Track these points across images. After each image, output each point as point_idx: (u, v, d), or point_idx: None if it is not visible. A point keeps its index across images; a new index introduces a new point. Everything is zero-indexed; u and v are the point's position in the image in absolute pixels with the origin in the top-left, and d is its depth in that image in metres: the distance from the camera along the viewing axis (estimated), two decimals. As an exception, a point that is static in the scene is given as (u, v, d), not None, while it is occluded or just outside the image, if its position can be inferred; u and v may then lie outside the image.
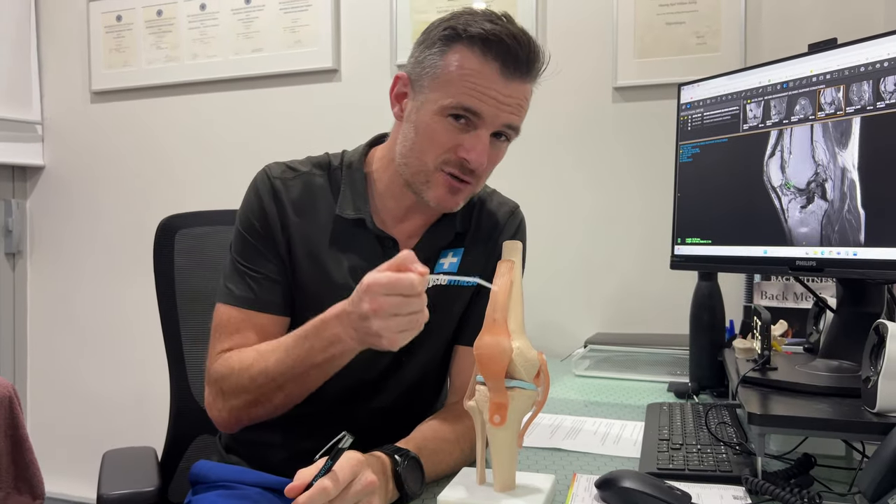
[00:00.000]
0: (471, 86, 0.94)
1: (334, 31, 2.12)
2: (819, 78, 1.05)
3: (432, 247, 1.07)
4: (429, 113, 0.97)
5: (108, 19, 2.40)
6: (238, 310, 1.03)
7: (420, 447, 0.88)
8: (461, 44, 0.95)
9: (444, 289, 1.07)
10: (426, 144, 0.98)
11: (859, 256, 0.98)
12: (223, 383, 0.99)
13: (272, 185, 1.05)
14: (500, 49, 0.94)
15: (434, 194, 1.00)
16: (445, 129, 0.96)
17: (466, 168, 0.98)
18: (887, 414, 0.79)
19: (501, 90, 0.95)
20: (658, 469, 0.88)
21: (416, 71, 1.00)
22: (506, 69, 0.94)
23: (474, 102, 0.94)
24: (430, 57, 0.98)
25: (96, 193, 2.46)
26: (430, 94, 0.97)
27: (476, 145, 0.96)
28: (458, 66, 0.95)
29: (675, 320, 1.61)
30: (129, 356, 2.40)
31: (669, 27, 1.80)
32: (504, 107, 0.96)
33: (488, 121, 0.96)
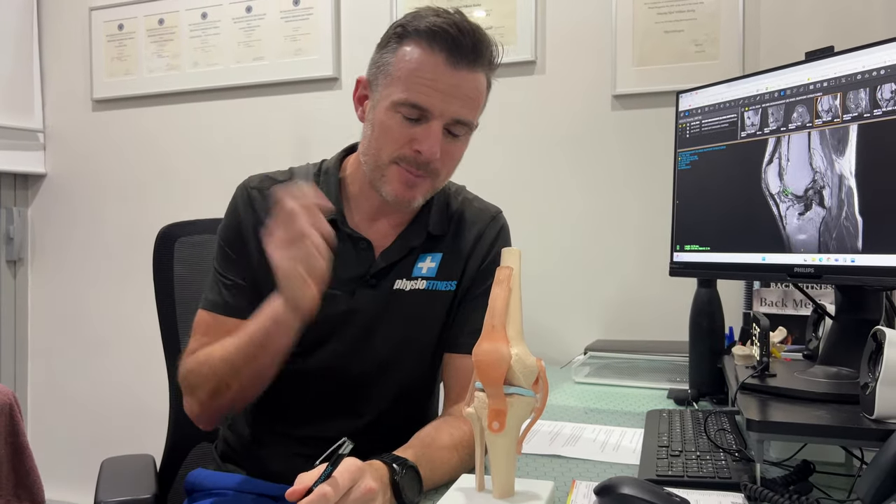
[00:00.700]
0: (418, 80, 0.97)
1: (335, 40, 2.13)
2: (816, 86, 1.05)
3: (405, 247, 1.09)
4: (382, 109, 1.00)
5: (110, 28, 2.42)
6: (210, 314, 1.08)
7: (418, 455, 0.88)
8: (409, 39, 0.99)
9: (422, 294, 1.08)
10: (381, 140, 1.01)
11: (857, 263, 0.98)
12: (190, 377, 1.03)
13: (248, 195, 1.09)
14: (444, 39, 0.96)
15: (390, 188, 1.02)
16: (398, 124, 0.99)
17: (421, 161, 1.00)
18: (885, 420, 0.79)
19: (448, 80, 0.97)
20: (657, 475, 0.88)
21: (373, 72, 1.04)
22: (451, 58, 0.97)
23: (422, 98, 0.97)
24: (384, 56, 1.02)
25: (97, 201, 2.47)
26: (384, 90, 1.00)
27: (427, 137, 0.98)
28: (406, 62, 0.98)
29: (674, 327, 1.61)
30: (129, 364, 2.40)
31: (668, 35, 1.81)
32: (452, 99, 0.98)
33: (436, 113, 0.98)
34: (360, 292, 1.06)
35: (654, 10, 1.82)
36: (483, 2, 1.97)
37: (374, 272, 1.07)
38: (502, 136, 1.94)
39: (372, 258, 1.07)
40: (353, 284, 1.06)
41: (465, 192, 1.19)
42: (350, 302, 1.06)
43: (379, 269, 1.07)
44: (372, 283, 1.07)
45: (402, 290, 1.08)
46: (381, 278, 1.07)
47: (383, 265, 1.07)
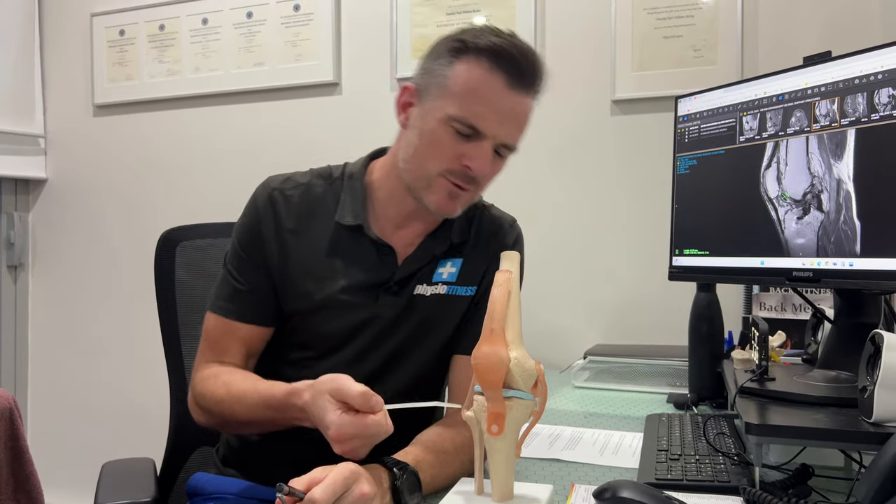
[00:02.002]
0: (476, 99, 0.96)
1: (335, 46, 2.14)
2: (814, 90, 1.06)
3: (428, 255, 1.09)
4: (434, 120, 0.99)
5: (111, 34, 2.43)
6: (221, 319, 1.07)
7: (419, 459, 0.88)
8: (469, 55, 0.97)
9: (442, 299, 1.08)
10: (429, 151, 1.00)
11: (855, 267, 0.98)
12: (200, 400, 1.05)
13: (270, 195, 1.08)
14: (506, 61, 0.96)
15: (434, 198, 1.02)
16: (449, 138, 0.98)
17: (468, 176, 1.00)
18: (884, 423, 0.80)
19: (505, 102, 0.97)
20: (656, 479, 0.88)
21: (424, 80, 1.02)
22: (511, 80, 0.97)
23: (478, 119, 0.97)
24: (438, 67, 1.00)
25: (98, 206, 2.48)
26: (436, 101, 0.99)
27: (479, 154, 0.98)
28: (465, 78, 0.97)
29: (673, 331, 1.61)
30: (129, 368, 2.40)
31: (667, 41, 1.81)
32: (507, 122, 0.99)
33: (489, 134, 0.98)
34: (383, 298, 1.06)
35: (653, 15, 1.83)
36: (483, 7, 1.98)
37: (398, 280, 1.06)
38: (502, 141, 1.94)
39: (395, 265, 1.07)
40: (376, 291, 1.06)
41: (481, 199, 1.20)
42: (373, 308, 1.06)
43: (401, 277, 1.07)
44: (394, 290, 1.07)
45: (422, 295, 1.08)
46: (404, 285, 1.07)
47: (406, 273, 1.07)
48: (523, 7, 1.93)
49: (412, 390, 1.10)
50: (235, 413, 0.99)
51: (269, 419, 0.96)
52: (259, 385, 0.98)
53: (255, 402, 0.96)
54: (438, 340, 1.09)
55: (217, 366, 1.06)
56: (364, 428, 0.80)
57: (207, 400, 1.03)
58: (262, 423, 0.98)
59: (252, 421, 0.98)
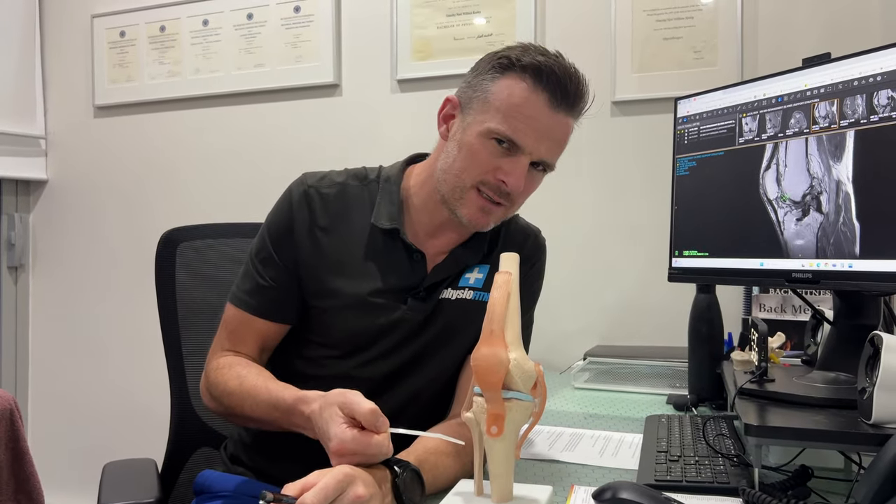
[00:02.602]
0: (518, 115, 0.97)
1: (335, 47, 2.14)
2: (813, 92, 1.06)
3: (459, 265, 1.10)
4: (473, 133, 1.00)
5: (112, 35, 2.43)
6: (241, 312, 1.08)
7: (421, 459, 0.88)
8: (514, 72, 0.99)
9: (467, 304, 1.09)
10: (467, 162, 1.01)
11: (855, 268, 0.98)
12: (212, 389, 1.06)
13: (306, 192, 1.08)
14: (550, 80, 0.97)
15: (466, 212, 1.03)
16: (487, 151, 0.99)
17: (503, 191, 1.01)
18: (883, 425, 0.80)
19: (546, 121, 0.99)
20: (656, 480, 0.88)
21: (468, 94, 1.04)
22: (554, 100, 0.98)
23: (518, 135, 0.98)
24: (482, 82, 1.02)
25: (99, 207, 2.48)
26: (478, 115, 1.00)
27: (515, 170, 0.99)
28: (508, 94, 0.98)
29: (673, 333, 1.61)
30: (130, 369, 2.40)
31: (667, 42, 1.82)
32: (545, 140, 1.00)
33: (528, 149, 0.99)
34: (411, 303, 1.07)
35: (652, 17, 1.83)
36: (483, 9, 1.98)
37: (427, 286, 1.07)
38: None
39: (424, 271, 1.08)
40: (405, 295, 1.07)
41: None
42: (401, 312, 1.07)
43: (430, 284, 1.08)
44: (422, 296, 1.07)
45: (447, 298, 1.09)
46: (431, 291, 1.08)
47: (435, 280, 1.08)
48: (523, 9, 1.93)
49: (427, 393, 1.10)
50: (244, 408, 1.00)
51: (273, 420, 0.97)
52: (271, 385, 0.98)
53: (264, 400, 0.97)
54: (462, 345, 1.09)
55: (232, 355, 1.07)
56: (366, 446, 0.80)
57: (219, 390, 1.04)
58: (266, 422, 0.99)
59: (257, 419, 0.99)
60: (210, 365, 1.08)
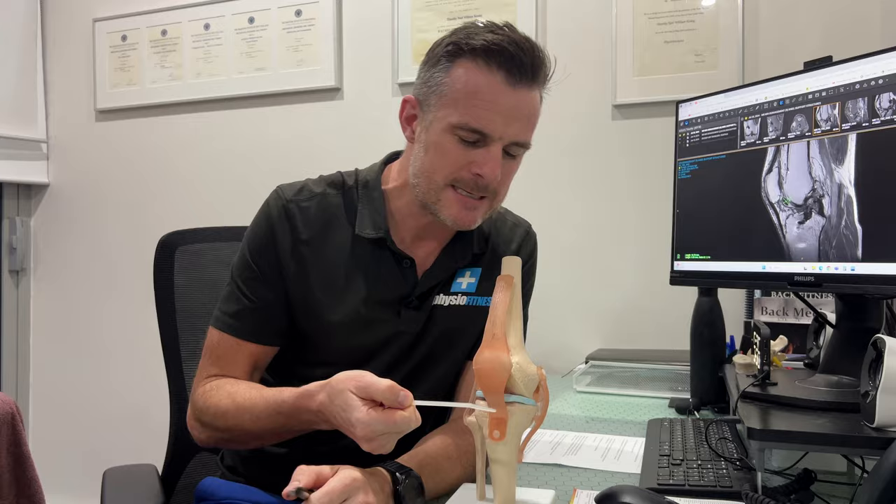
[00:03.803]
0: (477, 102, 0.93)
1: (337, 51, 2.14)
2: (815, 95, 1.06)
3: (449, 267, 1.07)
4: (437, 131, 0.96)
5: (114, 39, 2.43)
6: (227, 336, 1.03)
7: (422, 464, 0.88)
8: (464, 58, 0.94)
9: (462, 310, 1.07)
10: (436, 162, 0.97)
11: (857, 272, 0.98)
12: (202, 415, 1.01)
13: (285, 206, 1.03)
14: (503, 58, 0.92)
15: (449, 212, 0.98)
16: (455, 146, 0.95)
17: (480, 185, 0.96)
18: (886, 428, 0.79)
19: (507, 101, 0.93)
20: (658, 484, 0.88)
21: (423, 91, 0.99)
22: (511, 77, 0.93)
23: (482, 123, 0.93)
24: (435, 75, 0.97)
25: (100, 211, 2.48)
26: (438, 111, 0.96)
27: (488, 160, 0.95)
28: (463, 82, 0.93)
29: (675, 336, 1.61)
30: (131, 373, 2.40)
31: (668, 45, 1.82)
32: (512, 121, 0.94)
33: (496, 137, 0.94)
34: (405, 314, 1.04)
35: (654, 20, 1.83)
36: (484, 12, 1.98)
37: (419, 294, 1.04)
38: (503, 146, 1.94)
39: (415, 278, 1.04)
40: (398, 306, 1.04)
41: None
42: (396, 324, 1.04)
43: (423, 291, 1.05)
44: (415, 304, 1.04)
45: (440, 305, 1.06)
46: (424, 299, 1.05)
47: (427, 287, 1.05)
48: (524, 12, 1.94)
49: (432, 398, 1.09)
50: (243, 424, 0.95)
51: (280, 426, 0.93)
52: (265, 392, 0.95)
53: (264, 409, 0.93)
54: (461, 351, 1.08)
55: (219, 378, 1.02)
56: (394, 424, 0.76)
57: (210, 413, 0.99)
58: (272, 431, 0.95)
59: (262, 430, 0.95)
60: (196, 393, 1.03)
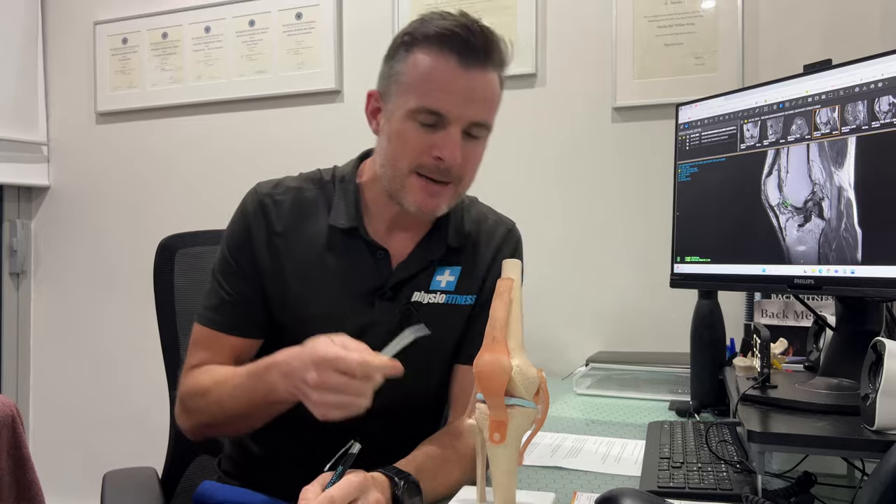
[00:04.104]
0: (432, 85, 0.95)
1: (337, 53, 2.15)
2: (814, 98, 1.06)
3: (423, 259, 1.07)
4: (398, 119, 0.98)
5: (114, 42, 2.44)
6: (210, 332, 1.05)
7: (420, 468, 0.88)
8: (419, 46, 0.97)
9: (441, 308, 1.07)
10: (398, 149, 0.99)
11: (857, 274, 0.98)
12: (187, 401, 1.03)
13: (260, 201, 1.07)
14: (454, 41, 0.95)
15: (412, 199, 1.00)
16: (415, 132, 0.97)
17: (441, 169, 0.98)
18: (886, 431, 0.79)
19: (462, 83, 0.95)
20: (658, 487, 0.88)
21: (384, 83, 1.02)
22: (462, 59, 0.95)
23: (438, 104, 0.95)
24: (394, 66, 1.00)
25: (101, 214, 2.48)
26: (397, 100, 0.99)
27: (447, 143, 0.96)
28: (418, 68, 0.96)
29: (675, 339, 1.61)
30: (131, 375, 2.40)
31: (668, 48, 1.82)
32: (469, 102, 0.96)
33: (454, 118, 0.96)
34: (379, 304, 1.05)
35: (654, 23, 1.83)
36: (484, 15, 1.96)
37: (392, 284, 1.05)
38: (503, 149, 1.94)
39: (389, 269, 1.06)
40: (371, 296, 1.05)
41: (479, 203, 1.19)
42: (370, 315, 1.04)
43: (396, 282, 1.05)
44: (389, 295, 1.05)
45: (419, 302, 1.06)
46: (399, 290, 1.06)
47: (401, 278, 1.06)
48: (524, 14, 1.94)
49: (417, 402, 1.10)
50: (222, 400, 0.96)
51: (251, 392, 0.92)
52: (245, 366, 0.96)
53: (241, 378, 0.94)
54: (439, 350, 1.08)
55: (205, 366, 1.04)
56: (342, 359, 0.79)
57: (194, 396, 1.01)
58: (246, 405, 0.94)
59: (236, 405, 0.95)
60: (181, 382, 1.05)
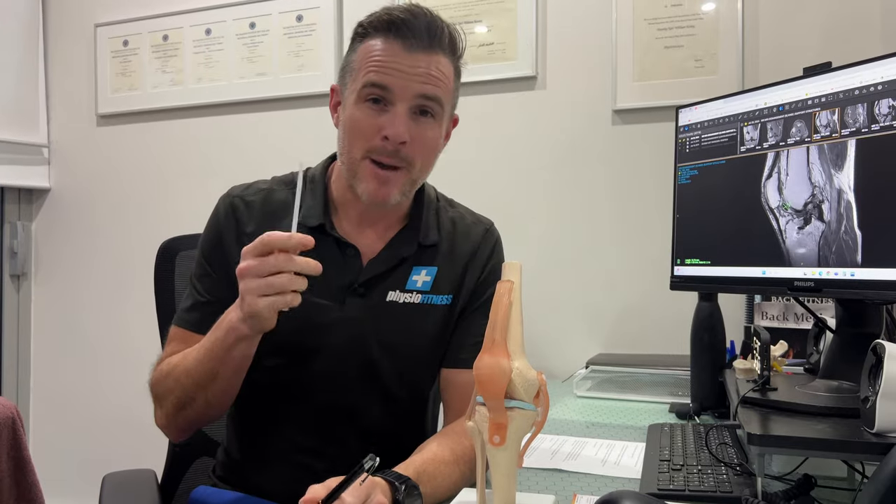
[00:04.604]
0: (377, 62, 0.97)
1: (337, 56, 2.15)
2: (814, 101, 1.06)
3: (395, 256, 1.07)
4: (349, 106, 1.01)
5: (115, 44, 2.44)
6: (184, 332, 1.06)
7: (420, 472, 0.88)
8: (367, 36, 1.00)
9: (416, 307, 1.07)
10: (351, 136, 1.00)
11: (857, 277, 0.99)
12: (156, 388, 1.04)
13: (231, 202, 1.09)
14: (399, 28, 0.98)
15: (364, 186, 1.01)
16: (365, 115, 0.99)
17: (391, 150, 0.98)
18: (886, 434, 0.79)
19: (406, 61, 0.97)
20: (658, 490, 0.88)
21: (341, 75, 1.05)
22: (406, 43, 0.97)
23: (380, 77, 0.97)
24: (347, 58, 1.04)
25: (101, 216, 2.48)
26: (350, 86, 1.01)
27: (393, 120, 0.97)
28: (364, 54, 1.00)
29: (675, 341, 1.61)
30: (131, 377, 2.39)
31: (668, 50, 1.82)
32: (413, 77, 0.97)
33: (398, 93, 0.98)
34: (350, 301, 1.05)
35: (654, 25, 1.83)
36: (484, 18, 1.99)
37: (363, 281, 1.05)
38: (503, 151, 1.95)
39: (360, 265, 1.06)
40: (342, 293, 1.05)
41: (456, 203, 1.19)
42: (340, 311, 1.04)
43: (368, 279, 1.05)
44: (360, 291, 1.05)
45: (395, 302, 1.06)
46: (371, 288, 1.06)
47: (371, 274, 1.06)
48: (524, 17, 1.94)
49: (396, 402, 1.09)
50: (189, 370, 0.97)
51: (213, 347, 0.93)
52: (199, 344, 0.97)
53: (204, 344, 0.95)
54: (417, 349, 1.08)
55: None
56: (257, 241, 0.84)
57: (162, 380, 1.02)
58: (210, 363, 0.94)
59: (203, 369, 0.95)
60: (150, 378, 1.07)
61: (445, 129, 1.07)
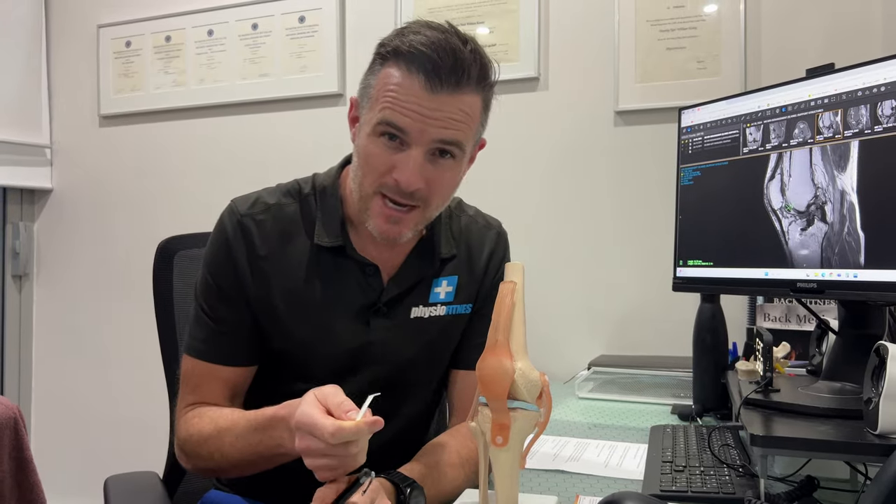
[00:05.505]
0: (396, 101, 0.90)
1: (340, 57, 2.15)
2: (817, 102, 1.06)
3: (416, 273, 1.04)
4: (364, 135, 0.94)
5: (118, 45, 2.44)
6: (201, 363, 1.00)
7: (424, 474, 0.88)
8: (391, 61, 0.92)
9: (442, 320, 1.06)
10: (365, 168, 0.94)
11: (860, 278, 0.98)
12: (185, 446, 0.99)
13: (240, 222, 1.01)
14: (421, 62, 0.89)
15: (374, 223, 0.95)
16: (379, 151, 0.92)
17: (403, 191, 0.92)
18: (889, 435, 0.79)
19: (426, 104, 0.89)
20: (661, 491, 0.87)
21: (361, 93, 0.97)
22: (429, 82, 0.89)
23: (396, 117, 0.89)
24: (368, 78, 0.96)
25: (103, 216, 2.49)
26: (367, 115, 0.94)
27: (406, 165, 0.90)
28: (385, 82, 0.91)
29: (678, 342, 1.61)
30: (133, 378, 2.40)
31: (670, 52, 1.82)
32: (431, 121, 0.90)
33: (415, 137, 0.90)
34: (375, 322, 1.01)
35: (656, 27, 1.83)
36: (486, 19, 1.99)
37: (386, 300, 1.01)
38: (505, 152, 1.95)
39: (381, 284, 1.02)
40: (366, 314, 1.01)
41: (465, 205, 1.15)
42: (367, 334, 1.01)
43: (390, 298, 1.02)
44: (384, 311, 1.02)
45: (421, 317, 1.04)
46: (394, 306, 1.02)
47: (394, 294, 1.02)
48: (527, 18, 1.94)
49: (417, 411, 1.09)
50: (223, 447, 0.93)
51: (255, 445, 0.89)
52: (248, 413, 0.92)
53: (243, 428, 0.90)
54: (443, 360, 1.07)
55: (201, 406, 1.00)
56: (314, 427, 0.75)
57: (194, 441, 0.96)
58: (249, 454, 0.91)
59: (239, 454, 0.91)
60: (178, 424, 1.00)
61: (470, 156, 1.00)
